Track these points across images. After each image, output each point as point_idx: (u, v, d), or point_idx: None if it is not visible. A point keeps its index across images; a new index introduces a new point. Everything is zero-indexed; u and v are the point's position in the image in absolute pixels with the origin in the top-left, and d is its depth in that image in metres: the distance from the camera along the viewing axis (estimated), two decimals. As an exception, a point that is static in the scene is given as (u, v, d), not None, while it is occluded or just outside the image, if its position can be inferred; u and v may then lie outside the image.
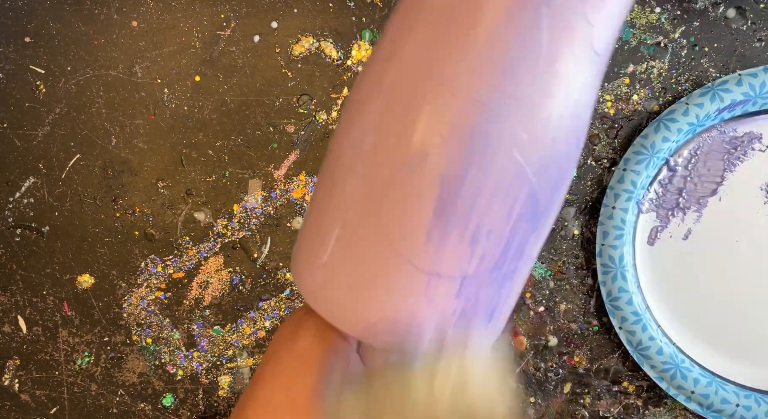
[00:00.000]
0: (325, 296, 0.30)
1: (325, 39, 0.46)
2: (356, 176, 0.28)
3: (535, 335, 0.46)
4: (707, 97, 0.41)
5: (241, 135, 0.47)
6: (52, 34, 0.47)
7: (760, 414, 0.42)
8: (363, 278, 0.29)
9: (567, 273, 0.46)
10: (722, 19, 0.43)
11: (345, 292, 0.29)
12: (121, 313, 0.49)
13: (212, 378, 0.49)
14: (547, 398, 0.46)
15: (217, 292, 0.48)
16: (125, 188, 0.48)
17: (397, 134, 0.27)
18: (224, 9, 0.46)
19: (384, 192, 0.27)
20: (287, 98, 0.47)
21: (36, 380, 0.50)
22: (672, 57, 0.44)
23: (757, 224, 0.43)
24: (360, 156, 0.28)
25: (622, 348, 0.45)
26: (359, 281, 0.29)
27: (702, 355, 0.44)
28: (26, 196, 0.49)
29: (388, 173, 0.27)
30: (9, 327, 0.49)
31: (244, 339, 0.48)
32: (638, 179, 0.43)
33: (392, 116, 0.27)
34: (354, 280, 0.29)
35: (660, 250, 0.44)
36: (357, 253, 0.29)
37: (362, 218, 0.29)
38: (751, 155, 0.43)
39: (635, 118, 0.45)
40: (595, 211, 0.45)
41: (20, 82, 0.48)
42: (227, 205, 0.48)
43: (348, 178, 0.28)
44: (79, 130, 0.48)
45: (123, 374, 0.49)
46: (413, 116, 0.26)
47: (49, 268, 0.49)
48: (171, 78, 0.47)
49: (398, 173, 0.27)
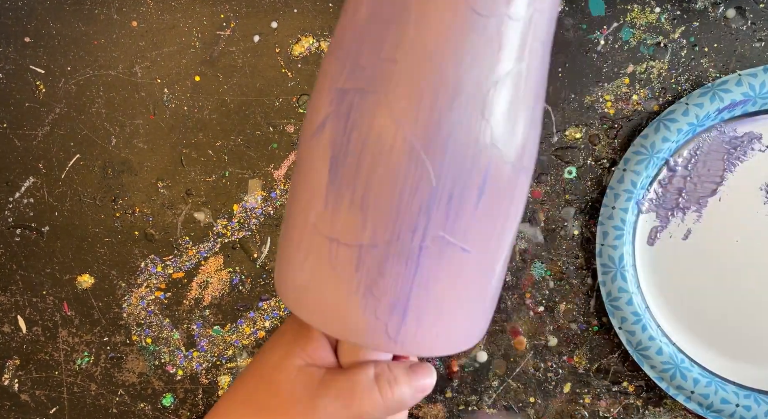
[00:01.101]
0: (277, 283, 0.32)
1: (325, 39, 0.46)
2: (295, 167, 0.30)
3: (535, 335, 0.46)
4: (707, 98, 0.41)
5: (241, 135, 0.47)
6: (52, 34, 0.47)
7: (759, 414, 0.42)
8: (288, 253, 0.30)
9: (567, 273, 0.46)
10: (722, 19, 0.43)
11: (283, 272, 0.31)
12: (120, 313, 0.49)
13: (212, 378, 0.49)
14: (547, 398, 0.46)
15: (217, 292, 0.48)
16: (125, 188, 0.48)
17: (309, 110, 0.29)
18: (224, 9, 0.46)
19: (298, 166, 0.29)
20: (287, 98, 0.47)
21: (36, 380, 0.50)
22: (672, 57, 0.44)
23: (757, 224, 0.43)
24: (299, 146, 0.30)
25: (622, 348, 0.45)
26: (285, 256, 0.30)
27: (702, 355, 0.44)
28: (26, 196, 0.49)
29: (302, 149, 0.29)
30: (9, 327, 0.49)
31: (244, 339, 0.48)
32: (638, 179, 0.43)
33: (313, 93, 0.29)
34: (283, 257, 0.31)
35: (660, 250, 0.44)
36: (286, 232, 0.31)
37: (290, 199, 0.30)
38: (751, 155, 0.43)
39: (635, 118, 0.45)
40: (595, 211, 0.45)
41: (20, 82, 0.48)
42: (227, 205, 0.48)
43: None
44: (79, 130, 0.48)
45: (123, 374, 0.49)
46: (318, 87, 0.28)
47: (49, 268, 0.49)
48: (171, 78, 0.47)
49: (307, 145, 0.29)
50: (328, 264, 0.28)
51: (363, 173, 0.26)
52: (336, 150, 0.27)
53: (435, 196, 0.26)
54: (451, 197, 0.26)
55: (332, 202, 0.27)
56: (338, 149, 0.27)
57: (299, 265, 0.29)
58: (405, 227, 0.26)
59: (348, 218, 0.27)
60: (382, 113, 0.26)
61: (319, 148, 0.27)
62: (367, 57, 0.26)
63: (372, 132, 0.26)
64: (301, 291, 0.29)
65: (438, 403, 0.47)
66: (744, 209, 0.43)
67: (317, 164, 0.28)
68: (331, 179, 0.27)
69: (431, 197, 0.26)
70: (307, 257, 0.28)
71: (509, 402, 0.47)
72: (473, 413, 0.47)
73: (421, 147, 0.25)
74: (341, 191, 0.27)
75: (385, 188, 0.26)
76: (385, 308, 0.27)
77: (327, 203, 0.27)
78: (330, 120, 0.27)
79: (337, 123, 0.27)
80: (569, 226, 0.46)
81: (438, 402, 0.47)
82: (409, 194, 0.26)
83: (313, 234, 0.28)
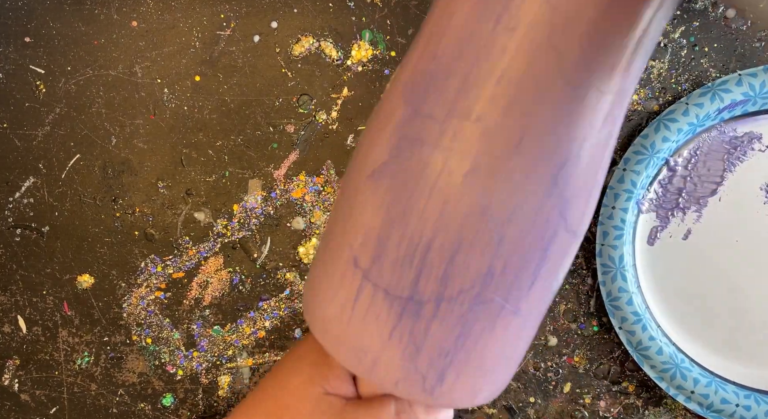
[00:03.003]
0: (305, 308, 0.31)
1: (325, 39, 0.46)
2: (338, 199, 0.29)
3: (535, 335, 0.46)
4: (707, 97, 0.41)
5: (241, 135, 0.47)
6: (52, 34, 0.47)
7: (760, 414, 0.42)
8: (322, 281, 0.29)
9: (567, 273, 0.46)
10: (722, 19, 0.43)
11: (314, 300, 0.30)
12: (121, 313, 0.49)
13: (212, 378, 0.49)
14: (547, 398, 0.46)
15: (217, 292, 0.48)
16: (125, 188, 0.48)
17: (365, 147, 0.27)
18: (224, 9, 0.46)
19: (347, 199, 0.28)
20: (287, 98, 0.47)
21: (36, 380, 0.50)
22: (672, 57, 0.44)
23: (757, 224, 0.43)
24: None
25: (622, 348, 0.45)
26: (319, 284, 0.29)
27: (702, 355, 0.44)
28: (26, 196, 0.49)
29: (353, 187, 0.28)
30: (9, 327, 0.49)
31: (244, 339, 0.48)
32: (638, 179, 0.43)
33: (370, 129, 0.28)
34: (316, 284, 0.30)
35: (660, 250, 0.44)
36: (323, 258, 0.29)
37: (332, 225, 0.29)
38: (751, 155, 0.43)
39: (635, 118, 0.45)
40: (595, 211, 0.45)
41: (20, 82, 0.48)
42: (227, 205, 0.48)
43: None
44: (79, 130, 0.48)
45: (123, 374, 0.49)
46: (378, 126, 0.27)
47: (49, 268, 0.49)
48: (171, 78, 0.47)
49: (359, 185, 0.27)
50: (371, 309, 0.26)
51: (420, 231, 0.25)
52: (394, 201, 0.25)
53: (494, 260, 0.25)
54: (510, 262, 0.25)
55: (382, 252, 0.26)
56: (397, 201, 0.25)
57: (333, 298, 0.28)
58: (458, 286, 0.25)
59: (399, 271, 0.26)
60: (451, 171, 0.24)
61: (376, 195, 0.26)
62: (441, 108, 0.25)
63: (436, 190, 0.25)
64: (333, 324, 0.28)
65: (438, 403, 0.47)
66: (744, 209, 0.43)
67: (369, 208, 0.26)
68: (382, 231, 0.26)
69: (492, 261, 0.25)
70: (347, 297, 0.27)
71: (509, 402, 0.47)
72: (473, 413, 0.47)
73: (487, 213, 0.24)
74: (395, 244, 0.26)
75: (444, 249, 0.25)
76: (425, 361, 0.26)
77: (377, 253, 0.26)
78: (390, 167, 0.25)
79: (398, 174, 0.25)
80: (569, 226, 0.46)
81: (438, 402, 0.47)
82: (467, 255, 0.25)
83: (355, 275, 0.27)
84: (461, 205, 0.24)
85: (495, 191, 0.24)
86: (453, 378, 0.27)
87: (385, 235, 0.26)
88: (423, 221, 0.25)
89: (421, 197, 0.25)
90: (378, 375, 0.27)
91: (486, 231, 0.25)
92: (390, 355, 0.27)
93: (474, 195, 0.24)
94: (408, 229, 0.25)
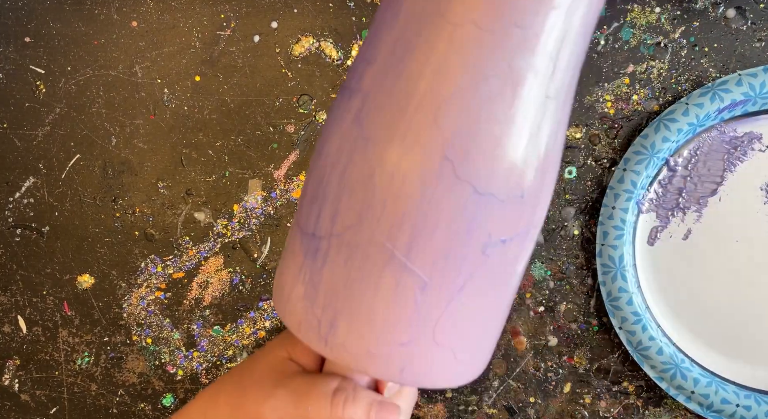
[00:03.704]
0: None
1: (325, 39, 0.46)
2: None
3: (535, 335, 0.46)
4: (707, 97, 0.41)
5: (241, 135, 0.47)
6: (52, 34, 0.47)
7: (760, 414, 0.42)
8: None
9: (567, 273, 0.46)
10: (722, 19, 0.43)
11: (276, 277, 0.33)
12: (121, 313, 0.49)
13: (212, 378, 0.49)
14: (547, 398, 0.47)
15: (217, 292, 0.48)
16: (125, 188, 0.48)
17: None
18: (224, 9, 0.46)
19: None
20: (287, 98, 0.47)
21: (36, 380, 0.50)
22: (672, 57, 0.44)
23: (757, 224, 0.43)
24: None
25: (622, 348, 0.45)
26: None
27: (702, 355, 0.44)
28: (26, 196, 0.49)
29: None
30: (9, 327, 0.49)
31: (244, 339, 0.48)
32: (638, 179, 0.43)
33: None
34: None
35: (660, 250, 0.44)
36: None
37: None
38: (751, 155, 0.43)
39: (635, 118, 0.45)
40: (595, 211, 0.45)
41: (20, 82, 0.48)
42: (227, 205, 0.48)
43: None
44: (79, 130, 0.48)
45: (123, 374, 0.49)
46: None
47: (49, 268, 0.49)
48: (171, 78, 0.47)
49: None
50: (290, 246, 0.29)
51: (327, 172, 0.28)
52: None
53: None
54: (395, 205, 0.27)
55: (304, 194, 0.29)
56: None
57: (282, 261, 0.31)
58: (346, 222, 0.27)
59: (308, 208, 0.28)
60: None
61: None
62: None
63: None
64: (278, 289, 0.30)
65: (438, 403, 0.47)
66: (744, 209, 0.43)
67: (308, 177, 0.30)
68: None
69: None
70: (287, 249, 0.30)
71: (509, 402, 0.47)
72: (473, 413, 0.47)
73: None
74: (311, 185, 0.28)
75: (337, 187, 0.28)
76: (320, 303, 0.27)
77: (302, 199, 0.29)
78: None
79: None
80: (569, 226, 0.46)
81: (438, 402, 0.47)
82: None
83: (294, 230, 0.30)
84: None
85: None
86: (344, 328, 0.27)
87: (308, 178, 0.29)
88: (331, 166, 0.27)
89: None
90: (288, 313, 0.29)
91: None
92: (297, 292, 0.28)
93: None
94: (318, 170, 0.28)
